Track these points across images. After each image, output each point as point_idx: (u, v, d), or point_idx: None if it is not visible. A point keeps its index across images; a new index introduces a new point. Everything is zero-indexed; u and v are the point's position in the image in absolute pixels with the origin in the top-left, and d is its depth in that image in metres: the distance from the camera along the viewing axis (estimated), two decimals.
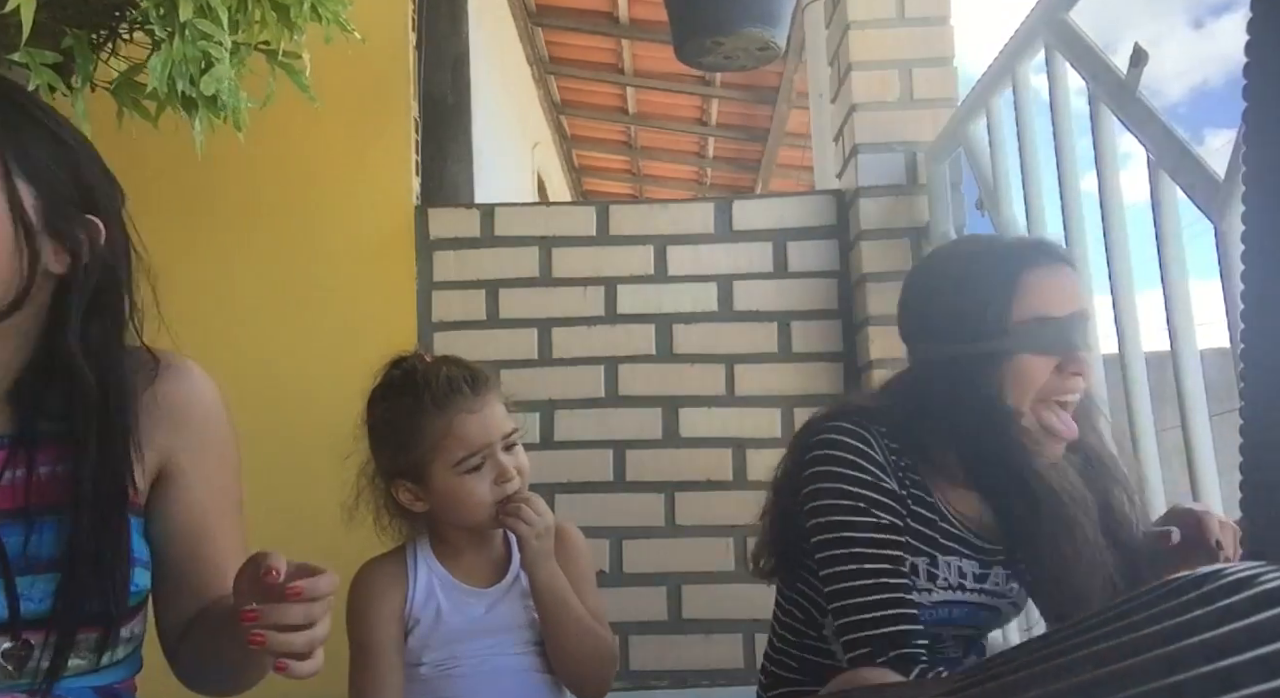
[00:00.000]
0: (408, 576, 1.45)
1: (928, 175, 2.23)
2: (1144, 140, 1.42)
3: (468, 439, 1.39)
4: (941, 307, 1.32)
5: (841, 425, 1.30)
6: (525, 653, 1.44)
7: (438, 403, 1.39)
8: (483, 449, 1.39)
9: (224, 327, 2.23)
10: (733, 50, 2.46)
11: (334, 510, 2.07)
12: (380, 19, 2.30)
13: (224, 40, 1.43)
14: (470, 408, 1.39)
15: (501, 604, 1.44)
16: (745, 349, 2.29)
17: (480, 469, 1.39)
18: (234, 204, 2.32)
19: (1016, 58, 1.82)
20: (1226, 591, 0.40)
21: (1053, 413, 1.26)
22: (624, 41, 4.66)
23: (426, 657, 1.42)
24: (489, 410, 1.41)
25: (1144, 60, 1.43)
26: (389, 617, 1.42)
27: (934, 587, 1.31)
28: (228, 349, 2.20)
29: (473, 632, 1.43)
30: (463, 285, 2.33)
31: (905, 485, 1.29)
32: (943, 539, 1.31)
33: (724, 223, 2.35)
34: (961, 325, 1.27)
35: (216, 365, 1.14)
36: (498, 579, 1.46)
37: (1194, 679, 0.35)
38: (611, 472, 2.27)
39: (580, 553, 1.49)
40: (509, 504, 1.39)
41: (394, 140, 2.38)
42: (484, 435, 1.39)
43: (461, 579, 1.45)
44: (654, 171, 6.44)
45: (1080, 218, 1.67)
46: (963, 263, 1.33)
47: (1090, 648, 0.41)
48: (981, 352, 1.25)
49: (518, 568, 1.44)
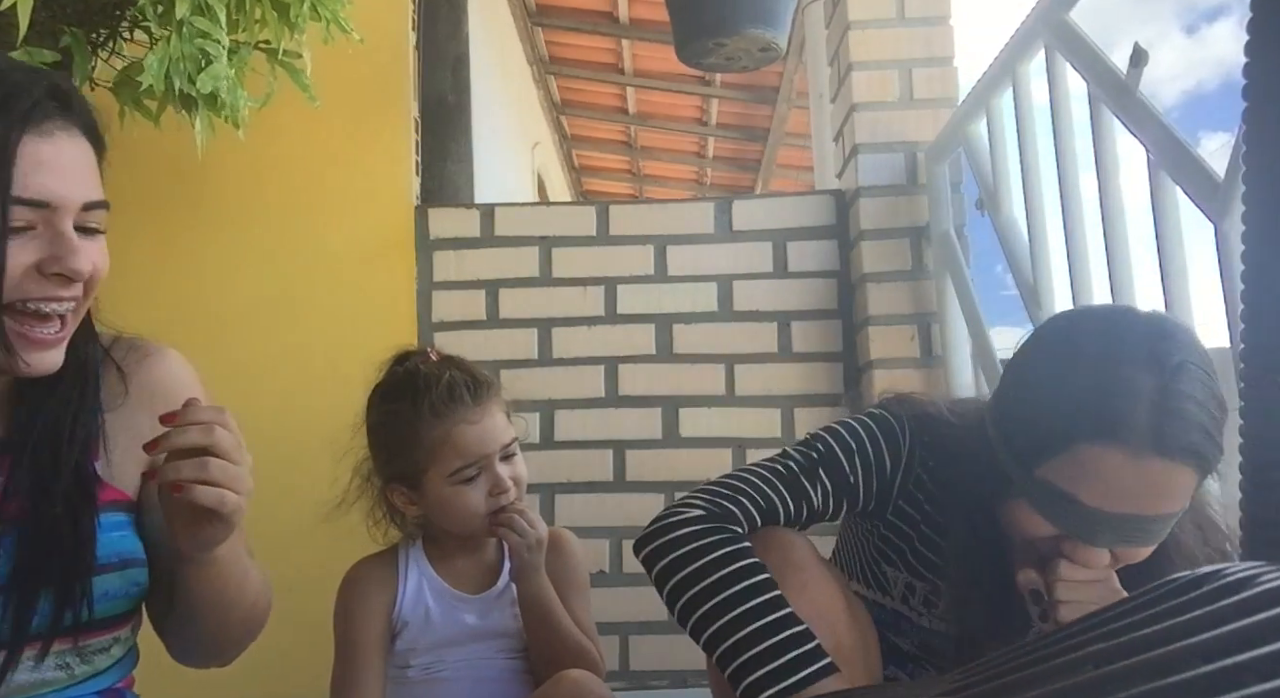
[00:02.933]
0: (398, 577, 1.44)
1: (928, 175, 2.23)
2: (1144, 140, 1.42)
3: (465, 450, 1.37)
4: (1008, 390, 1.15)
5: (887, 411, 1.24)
6: (514, 659, 1.43)
7: (437, 412, 1.37)
8: (480, 460, 1.38)
9: (224, 326, 2.23)
10: (734, 52, 2.46)
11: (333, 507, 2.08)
12: (380, 19, 2.30)
13: (221, 38, 1.43)
14: (470, 419, 1.37)
15: (491, 611, 1.44)
16: (745, 349, 2.29)
17: (476, 480, 1.38)
18: (234, 204, 2.32)
19: (1016, 58, 1.82)
20: (1226, 591, 0.40)
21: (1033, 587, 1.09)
22: (624, 41, 4.66)
23: (414, 660, 1.42)
24: (489, 421, 1.39)
25: (1144, 60, 1.43)
26: (375, 616, 1.42)
27: (929, 613, 1.27)
28: (228, 349, 2.20)
29: (461, 637, 1.42)
30: (463, 285, 2.33)
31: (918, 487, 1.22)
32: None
33: (724, 223, 2.35)
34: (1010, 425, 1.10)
35: (217, 365, 1.14)
36: (489, 585, 1.45)
37: (1194, 679, 0.35)
38: (611, 472, 2.27)
39: (575, 561, 1.48)
40: (502, 515, 1.38)
41: (394, 140, 2.38)
42: (482, 447, 1.38)
43: (452, 584, 1.44)
44: (654, 171, 6.43)
45: (1080, 218, 1.67)
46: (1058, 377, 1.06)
47: (1090, 648, 0.41)
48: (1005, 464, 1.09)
49: (509, 575, 1.44)
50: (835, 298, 2.31)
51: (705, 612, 1.08)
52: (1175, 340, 1.04)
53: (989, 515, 1.13)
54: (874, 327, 2.20)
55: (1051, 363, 1.09)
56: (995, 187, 1.97)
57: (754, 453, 2.25)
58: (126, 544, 1.00)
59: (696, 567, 1.10)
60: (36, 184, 0.87)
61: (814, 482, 1.20)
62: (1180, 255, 1.40)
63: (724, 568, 1.08)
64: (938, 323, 2.19)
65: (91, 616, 0.96)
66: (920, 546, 1.24)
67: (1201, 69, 73.98)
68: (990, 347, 1.99)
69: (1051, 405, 1.04)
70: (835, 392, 2.27)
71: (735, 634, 1.05)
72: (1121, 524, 1.02)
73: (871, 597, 1.32)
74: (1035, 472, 1.05)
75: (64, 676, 0.97)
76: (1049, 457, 1.03)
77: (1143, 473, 0.99)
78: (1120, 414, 0.99)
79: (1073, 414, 1.02)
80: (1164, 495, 1.01)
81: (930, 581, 1.25)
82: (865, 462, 1.21)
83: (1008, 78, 1.86)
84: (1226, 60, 6.96)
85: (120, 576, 0.98)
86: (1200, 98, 52.88)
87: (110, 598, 0.98)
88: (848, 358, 2.29)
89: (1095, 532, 1.03)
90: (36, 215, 0.88)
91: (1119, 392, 1.00)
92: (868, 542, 1.32)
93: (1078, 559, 1.06)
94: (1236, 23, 0.48)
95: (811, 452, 1.22)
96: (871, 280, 2.22)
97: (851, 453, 1.21)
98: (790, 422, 2.26)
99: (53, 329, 0.91)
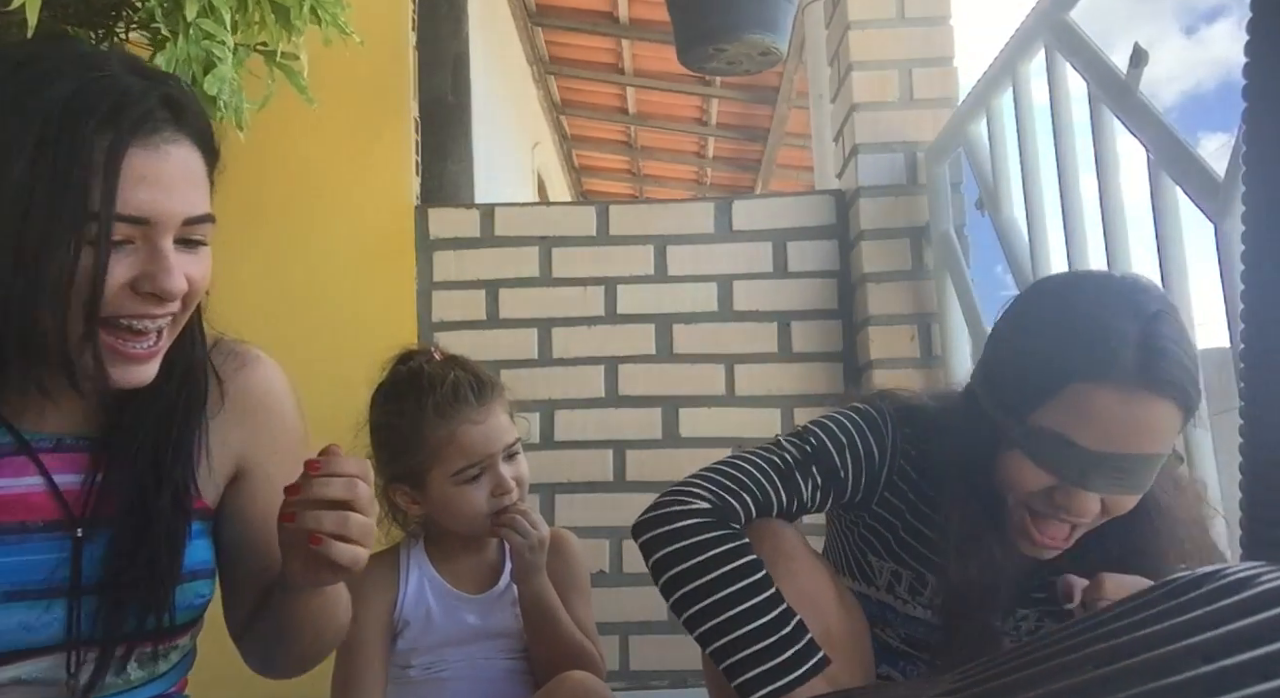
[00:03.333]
0: (399, 577, 1.44)
1: (928, 175, 2.23)
2: (1144, 140, 1.42)
3: (469, 450, 1.37)
4: (1000, 346, 1.19)
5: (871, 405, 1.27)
6: (515, 660, 1.43)
7: (440, 411, 1.37)
8: (483, 460, 1.38)
9: (224, 327, 2.22)
10: (735, 56, 2.46)
11: None
12: (380, 19, 2.30)
13: (227, 40, 1.43)
14: (474, 419, 1.38)
15: (493, 611, 1.44)
16: (745, 349, 2.29)
17: (479, 479, 1.38)
18: (234, 204, 2.29)
19: (1016, 58, 1.82)
20: (1226, 591, 0.40)
21: (1029, 522, 1.14)
22: (624, 41, 4.66)
23: (415, 659, 1.42)
24: (492, 421, 1.39)
25: (1144, 60, 1.43)
26: (376, 615, 1.41)
27: (914, 601, 1.28)
28: None
29: (463, 637, 1.42)
30: (463, 285, 2.33)
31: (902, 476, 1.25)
32: (934, 557, 1.25)
33: (724, 223, 2.35)
34: (999, 380, 1.16)
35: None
36: (490, 585, 1.45)
37: (1194, 679, 0.35)
38: (611, 472, 2.27)
39: (576, 562, 1.48)
40: (504, 515, 1.38)
41: (394, 140, 2.38)
42: (485, 447, 1.38)
43: (454, 584, 1.44)
44: (654, 171, 6.43)
45: (1080, 218, 1.67)
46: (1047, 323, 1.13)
47: (1090, 648, 0.41)
48: (996, 420, 1.14)
49: (510, 575, 1.43)
50: (835, 298, 2.31)
51: (703, 607, 1.10)
52: (1151, 294, 1.13)
53: (984, 477, 1.17)
54: (874, 327, 2.20)
55: (1040, 318, 1.15)
56: (995, 187, 1.97)
57: None
58: (199, 555, 0.99)
59: (698, 562, 1.12)
60: (137, 200, 0.85)
61: (806, 476, 1.22)
62: (1180, 255, 1.40)
63: (725, 565, 1.11)
64: (938, 323, 2.19)
65: (173, 623, 0.95)
66: (904, 533, 1.26)
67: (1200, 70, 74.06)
68: None
69: (1044, 353, 1.10)
70: (835, 392, 2.27)
71: (732, 632, 1.08)
72: (1113, 466, 1.07)
73: (858, 589, 1.33)
74: (1028, 419, 1.10)
75: (120, 682, 0.95)
76: (1043, 401, 1.08)
77: (1132, 409, 1.05)
78: (1110, 353, 1.06)
79: (1064, 358, 1.08)
80: (1152, 432, 1.07)
81: (915, 568, 1.27)
82: (855, 455, 1.23)
83: (1008, 78, 1.86)
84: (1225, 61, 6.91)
85: (190, 587, 0.97)
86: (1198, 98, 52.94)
87: (178, 608, 0.96)
88: (848, 358, 2.29)
89: (1088, 475, 1.07)
90: (135, 230, 0.86)
91: (1107, 336, 1.07)
92: (852, 533, 1.34)
93: (1070, 509, 1.10)
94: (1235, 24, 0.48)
95: (805, 445, 1.23)
96: (871, 280, 2.22)
97: (843, 448, 1.23)
98: (790, 422, 2.26)
99: (146, 344, 0.90)
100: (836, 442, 1.24)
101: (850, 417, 1.26)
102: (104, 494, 0.93)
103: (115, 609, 0.91)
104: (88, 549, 0.92)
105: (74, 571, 0.91)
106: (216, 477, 1.02)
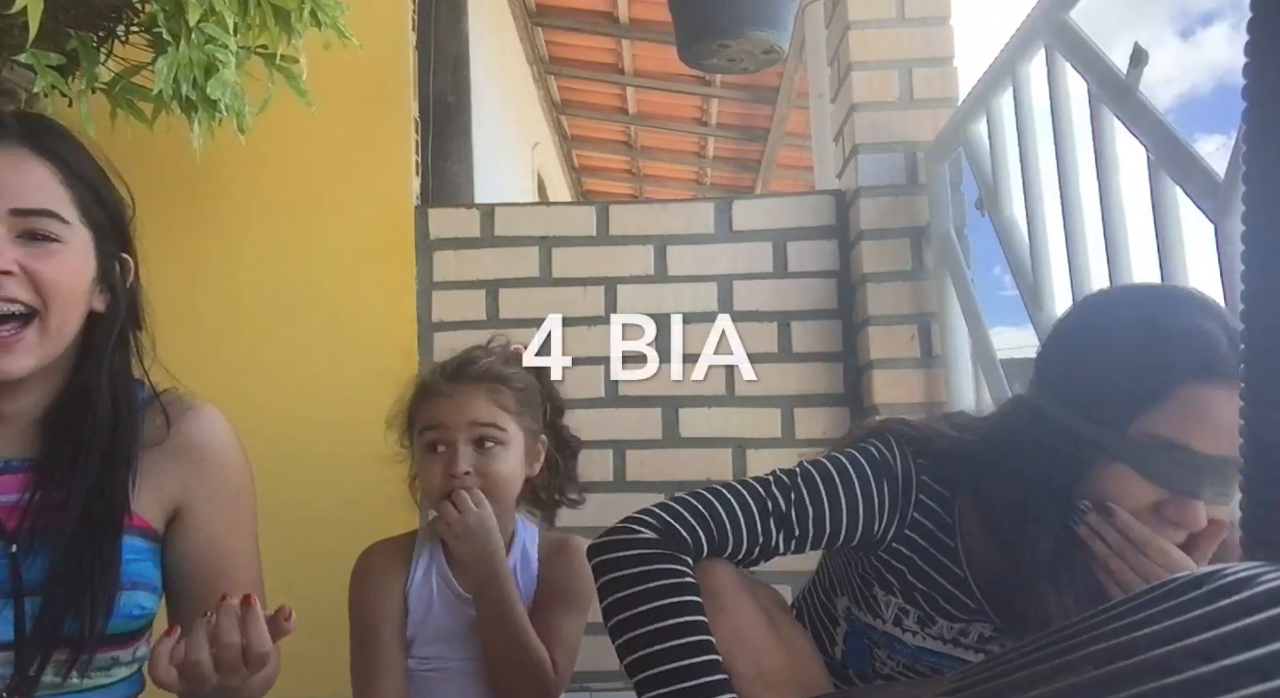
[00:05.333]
0: (410, 562, 1.47)
1: (928, 175, 2.23)
2: (1144, 140, 1.42)
3: (430, 415, 1.45)
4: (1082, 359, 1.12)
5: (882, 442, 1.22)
6: None
7: (434, 372, 1.49)
8: (440, 429, 1.42)
9: (224, 327, 2.23)
10: (737, 53, 2.46)
11: (336, 508, 2.08)
12: (380, 19, 2.30)
13: (229, 44, 1.43)
14: (445, 391, 1.45)
15: None
16: (745, 349, 2.29)
17: (438, 453, 1.43)
18: (234, 204, 2.32)
19: (1016, 58, 1.82)
20: (1226, 590, 0.40)
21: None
22: (624, 41, 4.66)
23: (415, 651, 1.43)
24: (462, 399, 1.43)
25: (1144, 60, 1.43)
26: (389, 597, 1.44)
27: (923, 632, 1.25)
28: (229, 349, 2.21)
29: (463, 632, 1.43)
30: (463, 285, 2.33)
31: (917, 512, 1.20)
32: (943, 602, 1.21)
33: (724, 223, 2.35)
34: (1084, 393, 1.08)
35: (217, 365, 1.14)
36: None
37: (1194, 679, 0.35)
38: (611, 472, 2.27)
39: (576, 572, 1.45)
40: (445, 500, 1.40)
41: (394, 140, 2.38)
42: (445, 417, 1.43)
43: (459, 577, 1.45)
44: (654, 171, 6.43)
45: (1080, 218, 1.66)
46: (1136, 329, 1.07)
47: (1090, 648, 0.41)
48: (1087, 435, 1.07)
49: (516, 574, 1.44)
50: (835, 298, 2.31)
51: (634, 637, 1.11)
52: (1202, 295, 1.11)
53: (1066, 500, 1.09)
54: (874, 327, 2.20)
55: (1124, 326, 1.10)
56: (995, 187, 1.97)
57: (754, 453, 2.25)
58: (141, 569, 1.04)
59: (636, 591, 1.12)
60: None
61: (781, 525, 1.18)
62: (1180, 255, 1.39)
63: (660, 600, 1.11)
64: (938, 323, 2.19)
65: (106, 629, 0.99)
66: (913, 577, 1.22)
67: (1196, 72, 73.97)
68: (990, 347, 1.99)
69: (1141, 359, 1.04)
70: (835, 392, 2.27)
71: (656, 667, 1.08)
72: (1222, 472, 1.01)
73: (864, 620, 1.30)
74: (1130, 430, 1.04)
75: (58, 681, 0.99)
76: (1147, 407, 1.03)
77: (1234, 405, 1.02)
78: (1211, 351, 1.02)
79: (1168, 361, 1.03)
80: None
81: (924, 609, 1.22)
82: (851, 506, 1.18)
83: (1008, 78, 1.86)
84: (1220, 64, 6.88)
85: (129, 595, 1.02)
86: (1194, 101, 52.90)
87: (117, 616, 1.01)
88: (848, 358, 2.29)
89: (1199, 482, 1.02)
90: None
91: (1202, 335, 1.03)
92: (855, 564, 1.30)
93: (1183, 522, 1.04)
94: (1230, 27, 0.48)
95: (790, 493, 1.19)
96: (871, 280, 2.22)
97: (837, 498, 1.18)
98: (790, 422, 2.26)
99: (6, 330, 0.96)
100: (831, 490, 1.18)
101: (856, 462, 1.20)
102: (41, 511, 1.00)
103: (47, 612, 0.97)
104: (28, 558, 0.98)
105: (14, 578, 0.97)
106: (155, 505, 1.08)
